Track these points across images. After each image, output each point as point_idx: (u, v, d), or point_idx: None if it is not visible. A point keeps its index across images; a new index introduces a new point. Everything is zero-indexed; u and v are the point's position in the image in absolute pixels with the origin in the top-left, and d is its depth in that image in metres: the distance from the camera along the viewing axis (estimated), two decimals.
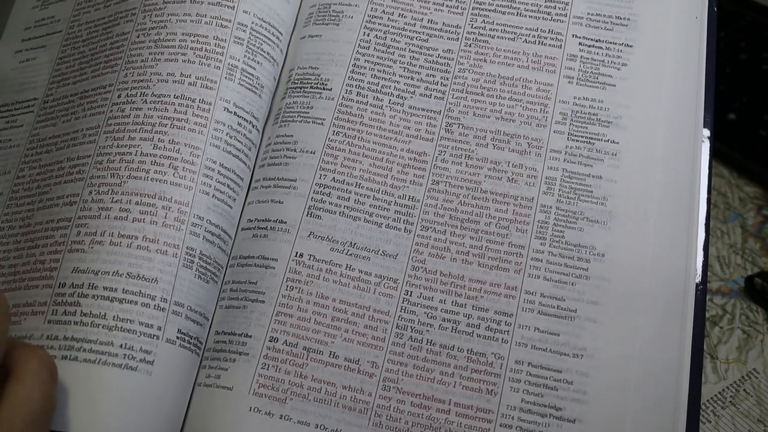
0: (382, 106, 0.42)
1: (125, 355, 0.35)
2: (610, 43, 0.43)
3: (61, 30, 0.46)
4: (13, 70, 0.46)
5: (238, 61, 0.42)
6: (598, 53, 0.42)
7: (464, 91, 0.42)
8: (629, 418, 0.35)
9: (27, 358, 0.32)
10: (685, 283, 0.38)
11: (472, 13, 0.44)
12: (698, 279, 0.38)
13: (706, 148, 0.40)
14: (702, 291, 0.37)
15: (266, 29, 0.43)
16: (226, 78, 0.41)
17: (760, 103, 0.63)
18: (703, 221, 0.39)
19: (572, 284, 0.38)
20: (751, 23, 0.70)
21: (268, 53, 0.43)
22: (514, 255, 0.39)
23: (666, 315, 0.37)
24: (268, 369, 0.37)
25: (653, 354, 0.36)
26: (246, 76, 0.42)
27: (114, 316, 0.36)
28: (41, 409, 0.31)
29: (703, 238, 0.38)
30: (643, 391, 0.36)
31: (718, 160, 0.61)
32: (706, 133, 0.40)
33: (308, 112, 0.43)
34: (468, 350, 0.37)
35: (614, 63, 0.42)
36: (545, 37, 0.43)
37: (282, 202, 0.41)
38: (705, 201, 0.39)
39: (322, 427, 0.36)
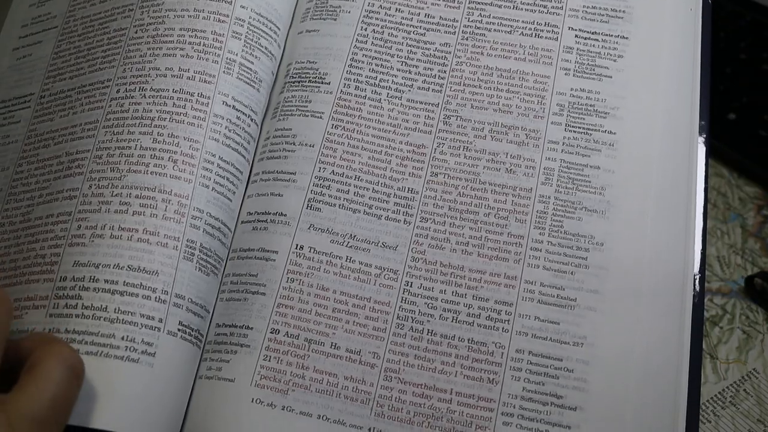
0: (381, 99, 0.44)
1: (127, 347, 0.36)
2: (606, 35, 0.44)
3: (57, 26, 0.47)
4: (11, 68, 0.47)
5: (236, 55, 0.43)
6: (594, 45, 0.44)
7: (462, 84, 0.44)
8: (630, 405, 0.37)
9: (46, 355, 0.32)
10: (684, 272, 0.39)
11: (468, 7, 0.46)
12: (696, 268, 0.39)
13: (702, 138, 0.41)
14: (700, 281, 0.39)
15: (264, 24, 0.45)
16: (224, 72, 0.42)
17: (760, 103, 0.65)
18: (701, 210, 0.40)
19: (571, 273, 0.39)
20: (751, 23, 0.71)
21: (265, 48, 0.45)
22: (514, 245, 0.40)
23: (665, 303, 0.38)
24: (269, 361, 0.39)
25: (653, 341, 0.38)
26: (244, 71, 0.43)
27: (115, 309, 0.37)
28: (50, 409, 0.31)
29: (701, 226, 0.40)
30: (644, 380, 0.37)
31: (718, 160, 0.62)
32: (703, 124, 0.42)
33: (307, 106, 0.44)
34: (469, 340, 0.39)
35: (610, 55, 0.44)
36: (542, 30, 0.45)
37: (282, 195, 0.42)
38: (702, 190, 0.40)
39: (324, 418, 0.38)
